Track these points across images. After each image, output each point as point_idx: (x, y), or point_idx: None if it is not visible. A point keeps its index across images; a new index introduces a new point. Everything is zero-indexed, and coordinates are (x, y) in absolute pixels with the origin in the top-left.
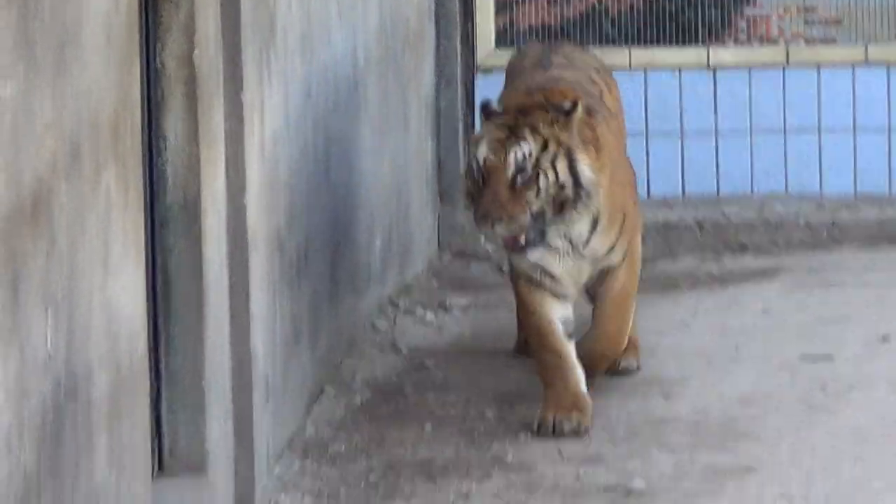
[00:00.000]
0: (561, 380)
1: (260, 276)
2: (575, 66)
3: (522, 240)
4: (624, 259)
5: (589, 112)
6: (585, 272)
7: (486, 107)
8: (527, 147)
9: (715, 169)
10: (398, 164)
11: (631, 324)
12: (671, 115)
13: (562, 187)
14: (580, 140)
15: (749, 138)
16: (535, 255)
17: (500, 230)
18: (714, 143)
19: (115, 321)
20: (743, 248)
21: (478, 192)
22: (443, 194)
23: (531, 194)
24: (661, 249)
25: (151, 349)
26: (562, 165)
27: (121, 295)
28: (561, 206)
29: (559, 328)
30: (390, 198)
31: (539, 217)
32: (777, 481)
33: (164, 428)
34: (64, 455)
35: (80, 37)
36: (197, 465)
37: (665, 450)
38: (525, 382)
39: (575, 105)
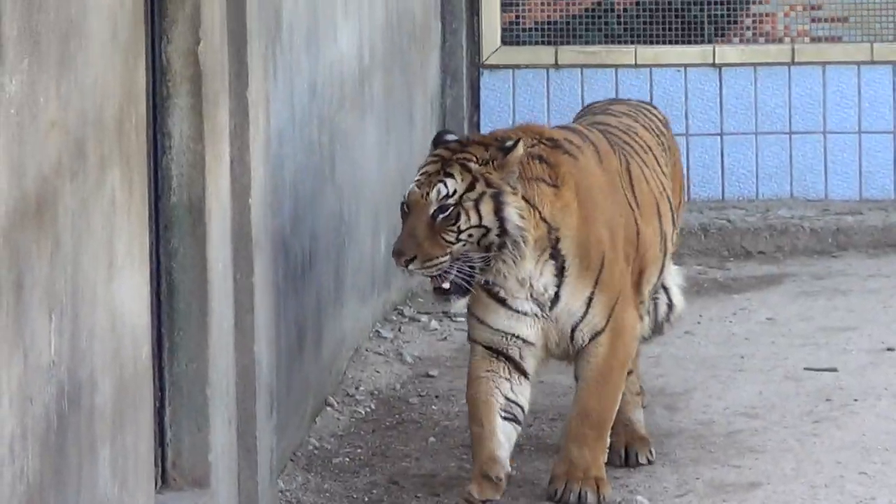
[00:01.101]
0: (478, 450)
1: (264, 279)
2: (628, 116)
3: (446, 284)
4: (607, 323)
5: (556, 147)
6: (558, 338)
7: (438, 136)
8: (451, 184)
9: (720, 171)
10: (403, 161)
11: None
12: (676, 114)
13: (486, 231)
14: (524, 180)
15: (755, 139)
16: (459, 304)
17: (414, 268)
18: (720, 145)
19: (119, 325)
20: (748, 255)
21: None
22: None
23: (450, 234)
24: None
25: (155, 355)
26: (486, 207)
27: (125, 298)
28: (487, 250)
29: (495, 407)
30: (396, 197)
31: (463, 261)
32: (781, 497)
33: (168, 438)
34: (67, 464)
35: (85, 30)
36: (200, 478)
37: (669, 464)
38: (532, 393)
39: (516, 143)
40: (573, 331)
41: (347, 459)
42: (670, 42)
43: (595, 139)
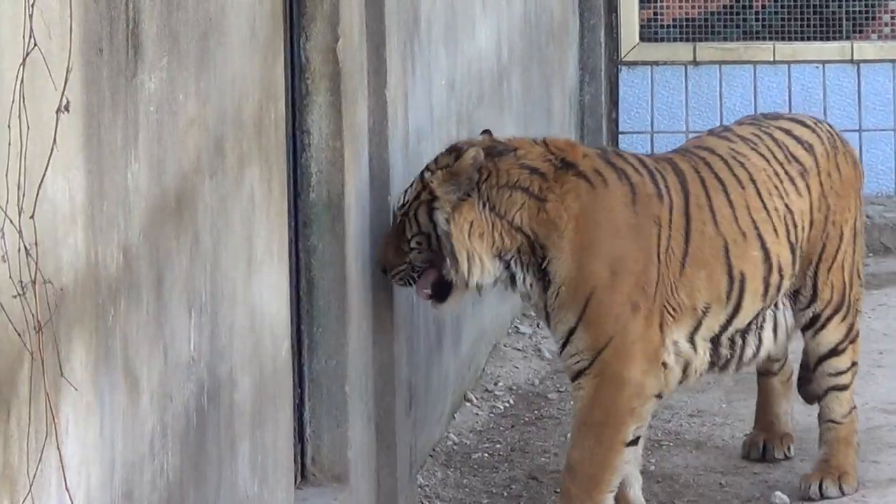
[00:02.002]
0: None
1: None
2: (748, 142)
3: (426, 290)
4: (591, 365)
5: (569, 168)
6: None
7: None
8: (408, 193)
9: None
10: None
11: (614, 462)
12: (815, 111)
13: (428, 237)
14: (492, 187)
15: (893, 136)
16: (444, 311)
17: (389, 276)
18: (858, 141)
19: (258, 322)
20: (887, 251)
21: None
22: None
23: (404, 243)
24: None
25: (295, 352)
26: (423, 214)
27: (264, 295)
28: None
29: None
30: None
31: (429, 267)
32: None
33: (307, 434)
34: (207, 461)
35: (224, 28)
36: (340, 474)
37: (808, 460)
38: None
39: (466, 150)
40: (560, 355)
41: (486, 455)
42: (808, 38)
43: (638, 180)
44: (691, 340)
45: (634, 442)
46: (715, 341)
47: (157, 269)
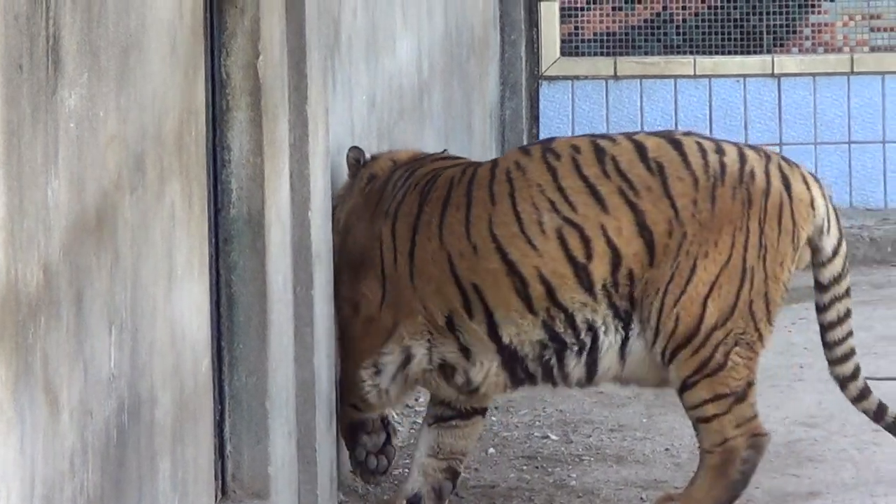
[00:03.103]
0: None
1: (323, 292)
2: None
3: None
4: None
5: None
6: None
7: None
8: None
9: None
10: None
11: None
12: (735, 125)
13: None
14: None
15: (814, 149)
16: None
17: None
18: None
19: (178, 339)
20: (807, 264)
21: None
22: None
23: None
24: None
25: (215, 368)
26: None
27: (185, 312)
28: None
29: None
30: None
31: None
32: None
33: (228, 450)
34: (127, 478)
35: (144, 44)
36: (260, 491)
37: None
38: (588, 406)
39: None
40: None
41: (407, 470)
42: (729, 52)
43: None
44: (455, 351)
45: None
46: (505, 354)
47: (77, 287)
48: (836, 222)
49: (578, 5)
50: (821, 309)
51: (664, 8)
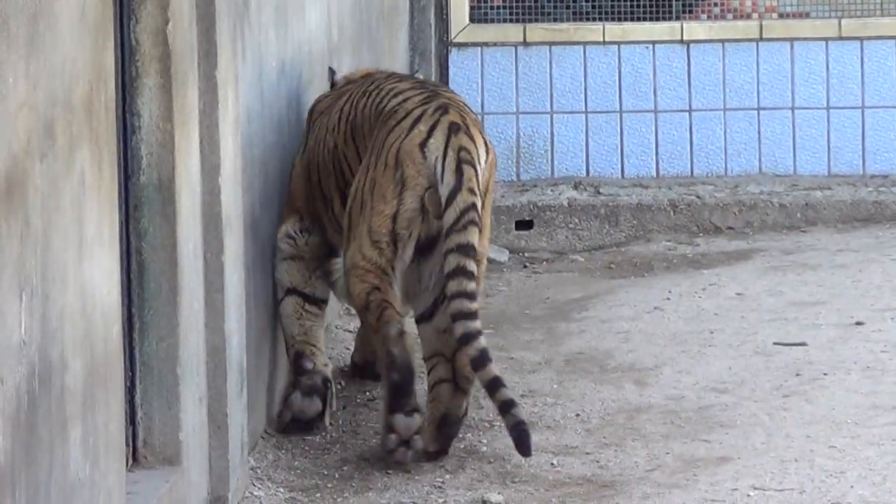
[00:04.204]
0: None
1: (234, 258)
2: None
3: None
4: None
5: None
6: None
7: None
8: None
9: (689, 148)
10: None
11: None
12: (645, 92)
13: None
14: None
15: (723, 116)
16: None
17: None
18: (688, 121)
19: (89, 305)
20: (717, 230)
21: None
22: None
23: None
24: (635, 231)
25: (126, 334)
26: None
27: (95, 278)
28: None
29: None
30: None
31: None
32: (751, 471)
33: (139, 417)
34: (38, 444)
35: (54, 11)
36: (171, 457)
37: (639, 440)
38: (502, 369)
39: None
40: None
41: (318, 437)
42: (638, 19)
43: None
44: None
45: None
46: None
47: None
48: (453, 174)
49: None
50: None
51: None
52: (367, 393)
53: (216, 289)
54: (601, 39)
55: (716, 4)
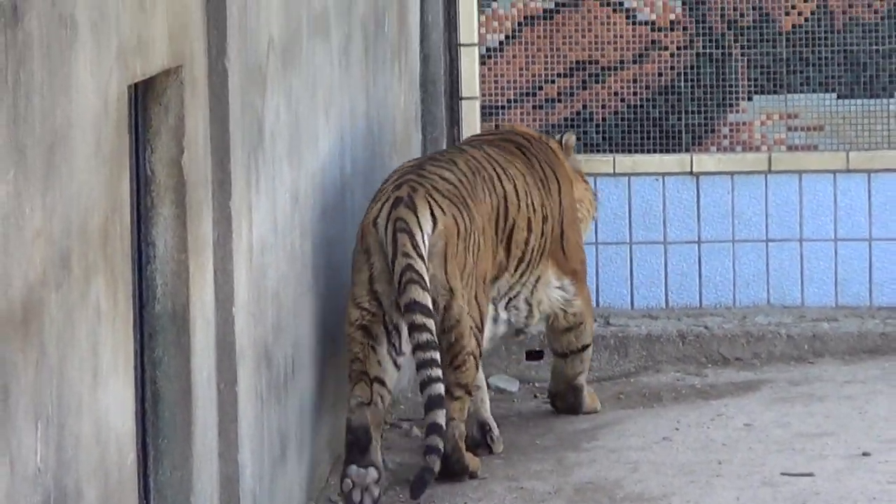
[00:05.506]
0: None
1: (247, 388)
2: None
3: None
4: None
5: None
6: None
7: None
8: None
9: (698, 279)
10: None
11: None
12: (655, 223)
13: None
14: None
15: (732, 247)
16: None
17: None
18: (697, 253)
19: (104, 433)
20: (725, 361)
21: None
22: None
23: None
24: (644, 361)
25: (140, 463)
26: None
27: (110, 406)
28: None
29: None
30: None
31: None
32: None
33: None
34: None
35: (70, 141)
36: None
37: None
38: (512, 499)
39: None
40: None
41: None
42: (648, 151)
43: None
44: None
45: None
46: None
47: (3, 381)
48: (390, 243)
49: (499, 104)
50: None
51: (584, 107)
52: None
53: (230, 419)
54: (612, 171)
55: (725, 137)
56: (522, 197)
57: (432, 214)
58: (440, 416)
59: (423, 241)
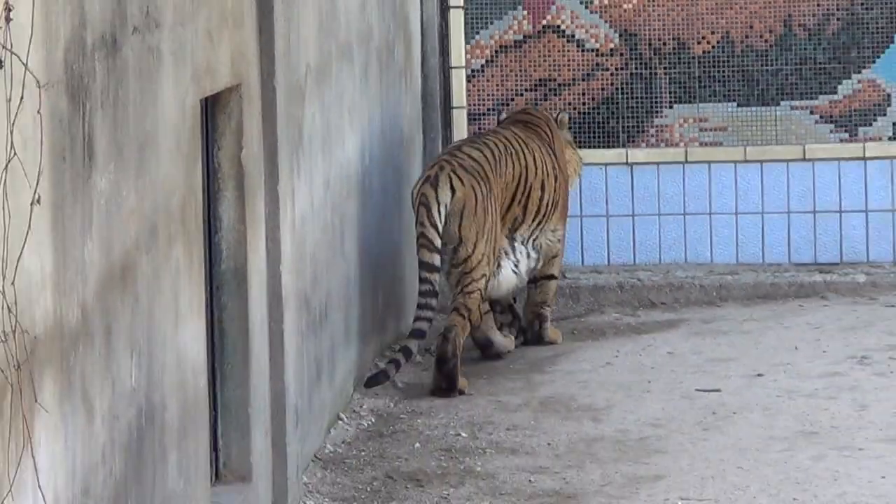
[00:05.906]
0: None
1: (291, 327)
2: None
3: None
4: None
5: None
6: None
7: None
8: None
9: (632, 243)
10: (394, 240)
11: None
12: (599, 201)
13: None
14: None
15: (658, 219)
16: None
17: None
18: (632, 224)
19: (182, 361)
20: (653, 305)
21: None
22: None
23: None
24: (592, 306)
25: (210, 383)
26: None
27: (187, 341)
28: None
29: None
30: (388, 265)
31: None
32: (679, 486)
33: (220, 445)
34: (144, 465)
35: (157, 141)
36: (244, 475)
37: (595, 462)
38: (492, 409)
39: None
40: None
41: (354, 460)
42: (594, 147)
43: None
44: None
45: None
46: None
47: (106, 322)
48: (416, 212)
49: (482, 112)
50: None
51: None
52: (391, 427)
53: (278, 350)
54: None
55: (652, 136)
56: (540, 165)
57: (451, 187)
58: (413, 345)
59: (439, 212)
